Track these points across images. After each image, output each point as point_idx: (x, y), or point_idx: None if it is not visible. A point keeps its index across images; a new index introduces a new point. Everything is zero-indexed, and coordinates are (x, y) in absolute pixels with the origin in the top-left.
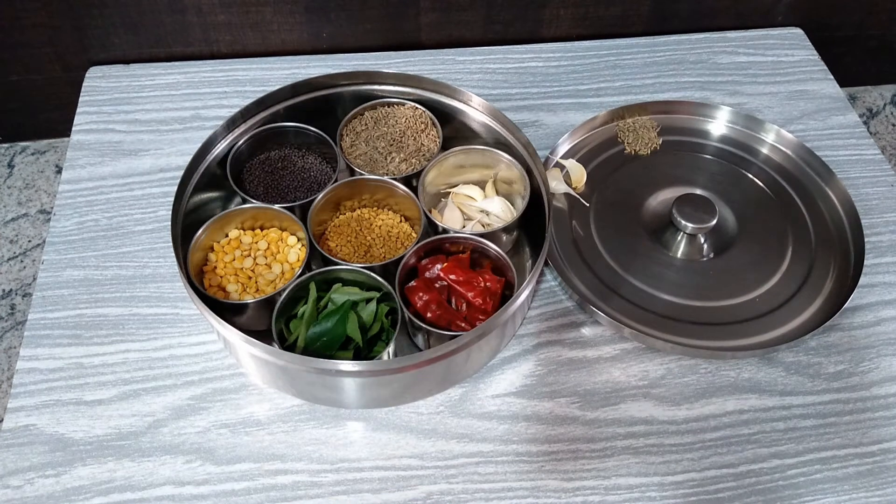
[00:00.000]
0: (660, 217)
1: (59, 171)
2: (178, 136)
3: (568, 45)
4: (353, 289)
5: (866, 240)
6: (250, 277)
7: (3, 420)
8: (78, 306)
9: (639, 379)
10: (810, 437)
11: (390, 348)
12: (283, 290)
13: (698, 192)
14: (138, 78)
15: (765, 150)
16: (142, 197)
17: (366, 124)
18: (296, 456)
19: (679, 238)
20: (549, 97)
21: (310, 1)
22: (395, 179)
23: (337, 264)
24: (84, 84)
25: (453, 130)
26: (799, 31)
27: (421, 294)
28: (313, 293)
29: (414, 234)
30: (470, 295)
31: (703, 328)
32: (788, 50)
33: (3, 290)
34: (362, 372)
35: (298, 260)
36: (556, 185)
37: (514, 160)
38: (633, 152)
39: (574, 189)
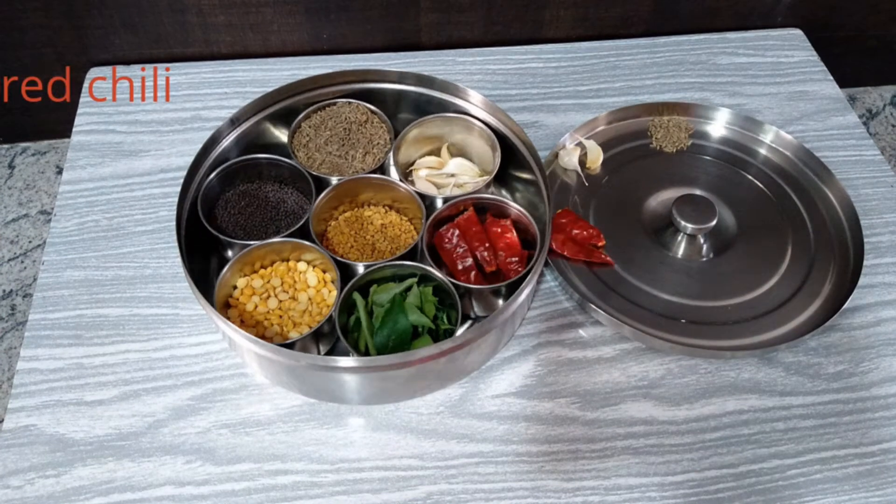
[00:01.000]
0: (660, 217)
1: (60, 171)
2: (179, 136)
3: (568, 45)
4: (389, 284)
5: (866, 240)
6: (281, 316)
7: (3, 420)
8: (78, 307)
9: (639, 379)
10: (810, 437)
11: (459, 315)
12: (330, 316)
13: (698, 192)
14: (138, 78)
15: (764, 152)
16: (142, 198)
17: (308, 134)
18: (296, 456)
19: (679, 238)
20: (549, 98)
21: (310, 2)
22: (395, 177)
23: (351, 266)
24: (84, 84)
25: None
26: (799, 31)
27: (452, 259)
28: (361, 302)
29: (414, 230)
30: (485, 245)
31: (702, 328)
32: (788, 51)
33: (4, 291)
34: (364, 368)
35: (320, 281)
36: (569, 160)
37: (472, 119)
38: (658, 148)
39: (588, 169)
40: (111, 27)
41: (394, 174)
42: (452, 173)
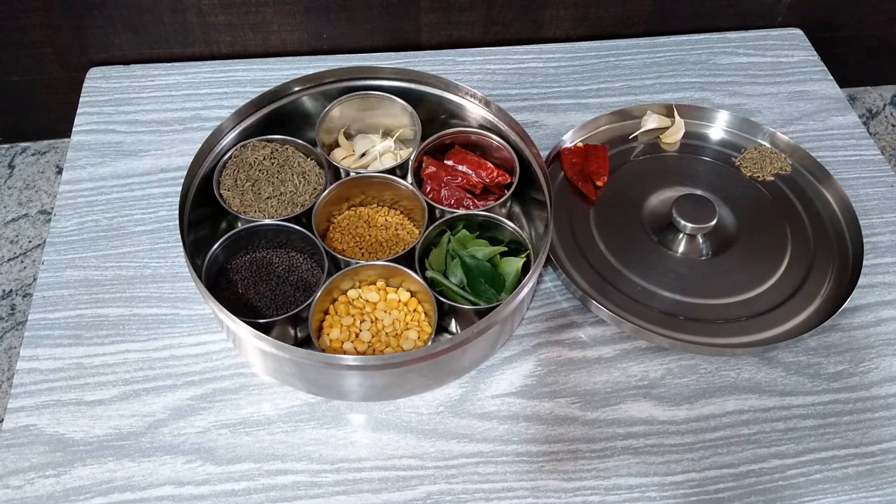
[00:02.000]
0: (660, 217)
1: (60, 171)
2: (179, 136)
3: (568, 45)
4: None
5: (866, 240)
6: (387, 334)
7: (3, 420)
8: (78, 307)
9: (639, 379)
10: (810, 437)
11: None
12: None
13: (698, 192)
14: (138, 79)
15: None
16: (142, 197)
17: (234, 180)
18: (296, 456)
19: (679, 238)
20: (549, 98)
21: (310, 1)
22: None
23: (353, 265)
24: (84, 84)
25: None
26: (799, 31)
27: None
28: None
29: (415, 228)
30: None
31: (702, 325)
32: (788, 50)
33: (4, 291)
34: (365, 366)
35: (413, 297)
36: (648, 121)
37: (392, 97)
38: (757, 178)
39: (660, 139)
40: (111, 27)
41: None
42: (363, 153)
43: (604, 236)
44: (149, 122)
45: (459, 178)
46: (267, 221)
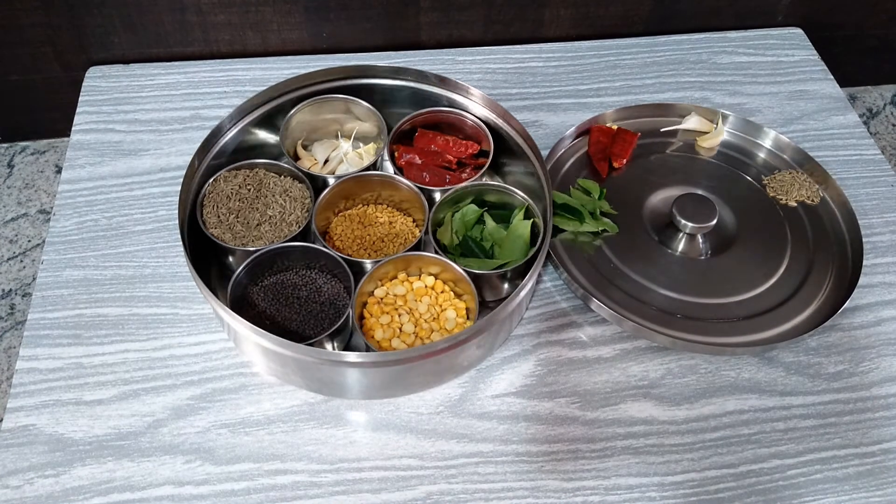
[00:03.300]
0: (660, 216)
1: (59, 170)
2: (178, 136)
3: (568, 45)
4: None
5: (866, 240)
6: (426, 321)
7: (2, 420)
8: (77, 306)
9: (639, 379)
10: (810, 437)
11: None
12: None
13: (698, 192)
14: (138, 78)
15: (762, 154)
16: (142, 197)
17: (217, 217)
18: (295, 456)
19: (679, 237)
20: (549, 97)
21: (309, 1)
22: (396, 175)
23: (355, 263)
24: (84, 84)
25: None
26: (799, 31)
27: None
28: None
29: (416, 228)
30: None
31: (702, 324)
32: (788, 50)
33: (3, 290)
34: (366, 363)
35: (437, 279)
36: (690, 120)
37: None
38: (780, 200)
39: (697, 141)
40: (111, 26)
41: (389, 169)
42: (326, 158)
43: (604, 235)
44: (148, 122)
45: (436, 159)
46: (286, 244)
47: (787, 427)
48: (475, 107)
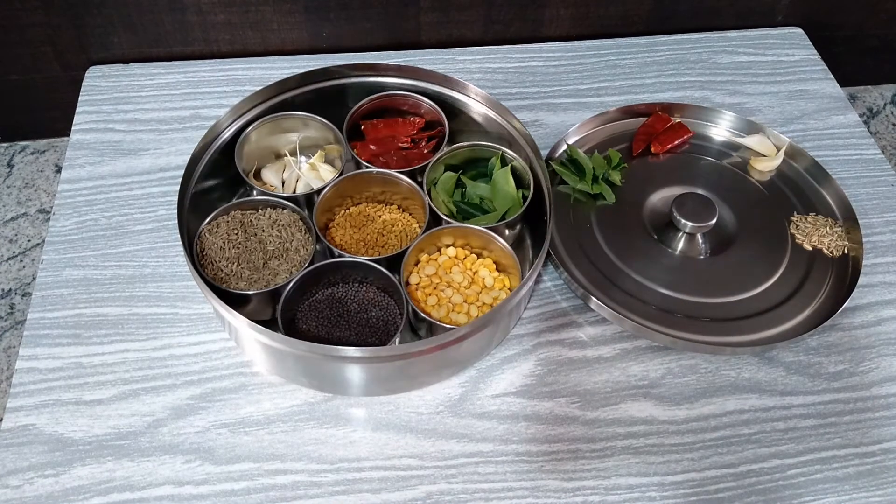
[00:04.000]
0: (660, 215)
1: (59, 170)
2: (178, 135)
3: (568, 44)
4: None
5: (866, 240)
6: (466, 288)
7: (2, 420)
8: (77, 306)
9: (639, 379)
10: (810, 437)
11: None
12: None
13: (698, 191)
14: (138, 77)
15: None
16: (141, 196)
17: (216, 272)
18: (295, 456)
19: (679, 236)
20: (549, 97)
21: (309, 1)
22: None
23: (342, 255)
24: (84, 84)
25: (460, 124)
26: (799, 30)
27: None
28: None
29: (417, 226)
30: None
31: (702, 324)
32: (788, 50)
33: (3, 290)
34: (363, 357)
35: (457, 249)
36: (752, 140)
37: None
38: (802, 244)
39: (751, 161)
40: (111, 26)
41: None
42: (282, 181)
43: (604, 233)
44: (148, 121)
45: (390, 144)
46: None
47: (788, 427)
48: (476, 105)
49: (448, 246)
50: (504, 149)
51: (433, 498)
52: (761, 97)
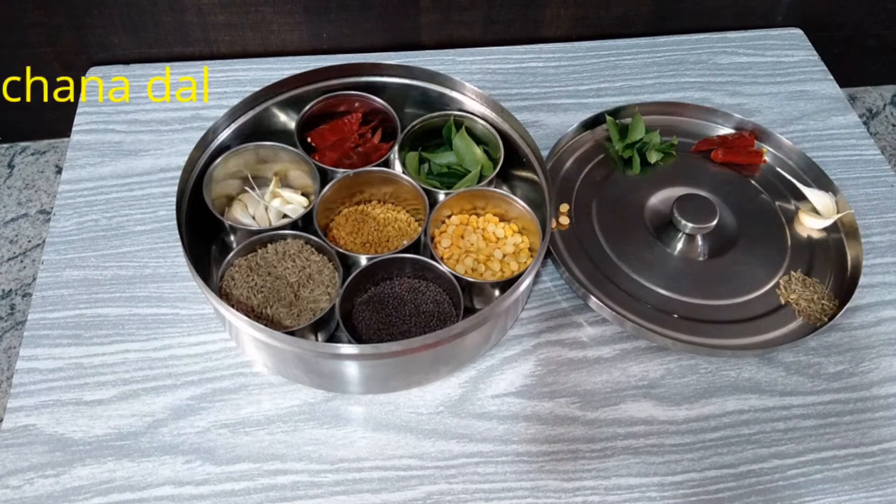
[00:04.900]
0: (661, 216)
1: (59, 171)
2: (178, 136)
3: (568, 45)
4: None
5: (866, 240)
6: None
7: (2, 420)
8: (78, 306)
9: (639, 379)
10: (810, 437)
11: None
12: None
13: (699, 192)
14: (138, 78)
15: (763, 155)
16: (142, 197)
17: (259, 315)
18: (295, 456)
19: (679, 237)
20: (549, 97)
21: (309, 1)
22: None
23: (355, 259)
24: (84, 84)
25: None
26: (799, 31)
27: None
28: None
29: (417, 225)
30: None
31: (702, 326)
32: (788, 50)
33: (3, 290)
34: (361, 354)
35: (456, 216)
36: (814, 194)
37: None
38: (785, 300)
39: (800, 211)
40: (111, 26)
41: (398, 168)
42: (252, 217)
43: (605, 233)
44: (148, 122)
45: (343, 145)
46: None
47: (787, 427)
48: (476, 105)
49: (451, 216)
50: (454, 112)
51: (433, 498)
52: (761, 98)
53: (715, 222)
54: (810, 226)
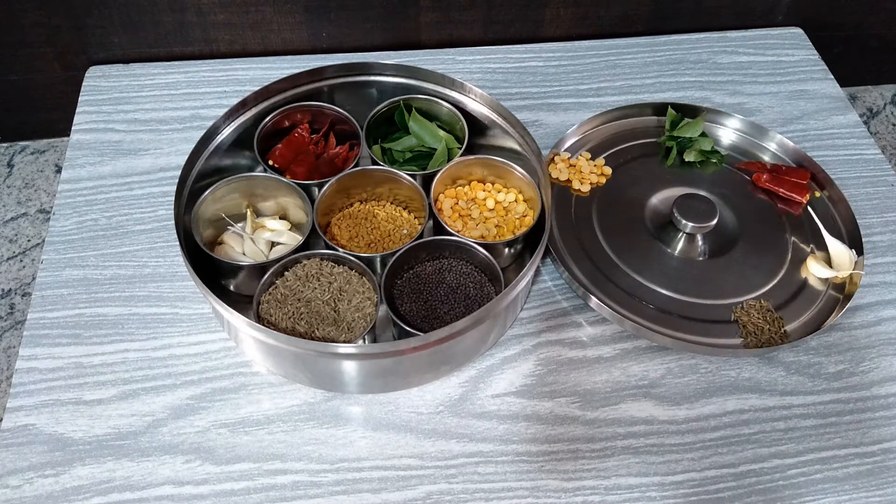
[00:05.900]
0: (661, 215)
1: (59, 170)
2: (178, 135)
3: (568, 44)
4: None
5: (866, 240)
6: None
7: (2, 420)
8: (77, 306)
9: (639, 379)
10: (810, 437)
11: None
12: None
13: (699, 192)
14: (138, 77)
15: (766, 156)
16: (141, 196)
17: (294, 331)
18: (295, 456)
19: (679, 237)
20: (549, 97)
21: (309, 1)
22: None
23: (337, 249)
24: (84, 84)
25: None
26: (799, 30)
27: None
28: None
29: (415, 219)
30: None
31: (703, 325)
32: (788, 50)
33: (3, 290)
34: (359, 354)
35: (452, 189)
36: (833, 243)
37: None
38: (749, 342)
39: (809, 257)
40: (110, 26)
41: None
42: (247, 246)
43: (605, 232)
44: (148, 121)
45: (307, 157)
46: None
47: (788, 427)
48: (475, 105)
49: (450, 199)
50: (400, 98)
51: (433, 498)
52: (761, 97)
53: (715, 222)
54: (818, 274)
